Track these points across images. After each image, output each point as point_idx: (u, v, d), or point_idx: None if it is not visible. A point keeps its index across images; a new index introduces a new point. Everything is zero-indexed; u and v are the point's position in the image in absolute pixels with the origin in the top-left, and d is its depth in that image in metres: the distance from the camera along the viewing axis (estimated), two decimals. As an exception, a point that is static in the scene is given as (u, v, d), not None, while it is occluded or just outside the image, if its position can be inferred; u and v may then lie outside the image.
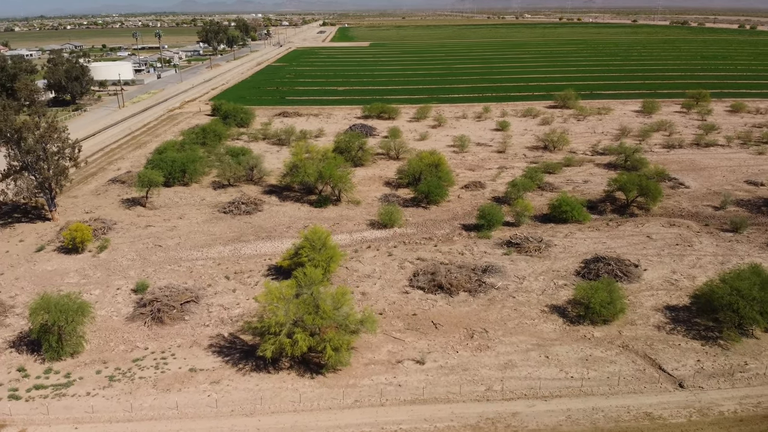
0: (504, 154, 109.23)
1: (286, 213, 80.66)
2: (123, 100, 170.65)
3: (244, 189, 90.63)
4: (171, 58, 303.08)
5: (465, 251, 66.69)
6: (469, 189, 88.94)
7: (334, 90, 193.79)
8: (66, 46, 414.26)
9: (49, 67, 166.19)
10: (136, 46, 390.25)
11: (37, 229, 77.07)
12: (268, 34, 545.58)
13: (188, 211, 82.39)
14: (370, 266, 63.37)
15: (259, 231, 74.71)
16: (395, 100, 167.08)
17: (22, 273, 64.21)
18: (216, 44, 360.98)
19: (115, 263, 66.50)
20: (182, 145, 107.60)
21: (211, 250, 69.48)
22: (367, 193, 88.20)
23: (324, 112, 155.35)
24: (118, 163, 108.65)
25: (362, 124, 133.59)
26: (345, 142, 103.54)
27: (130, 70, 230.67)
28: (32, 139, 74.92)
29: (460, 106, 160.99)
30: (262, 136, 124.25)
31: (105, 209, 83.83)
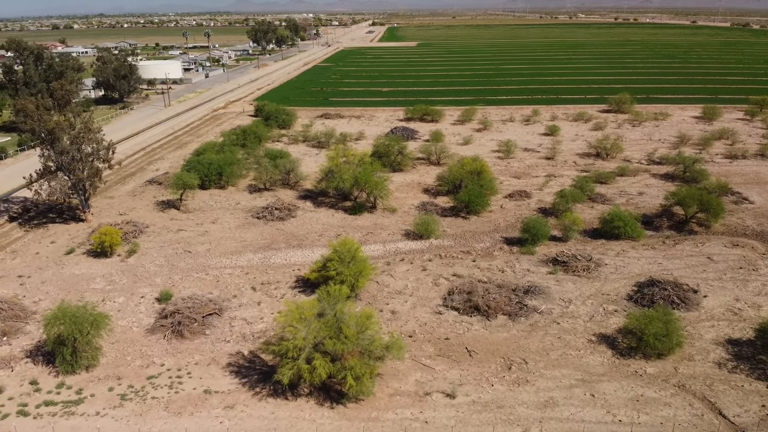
0: (552, 161, 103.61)
1: (320, 220, 77.68)
2: (169, 99, 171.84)
3: (280, 193, 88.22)
4: (220, 57, 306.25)
5: (506, 268, 62.13)
6: (514, 198, 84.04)
7: (377, 91, 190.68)
8: (120, 44, 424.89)
9: (98, 66, 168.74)
10: (188, 45, 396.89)
11: (69, 230, 76.41)
12: (317, 34, 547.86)
13: (222, 216, 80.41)
14: (402, 281, 59.57)
15: (290, 238, 71.93)
16: (440, 101, 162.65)
17: (49, 276, 63.17)
18: (265, 44, 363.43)
19: (143, 269, 64.79)
20: (222, 147, 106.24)
21: (240, 257, 67.05)
22: (404, 200, 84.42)
23: (366, 114, 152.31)
24: (158, 163, 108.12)
25: (404, 127, 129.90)
26: (384, 146, 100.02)
27: (179, 69, 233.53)
28: (67, 139, 74.20)
29: (507, 108, 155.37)
30: (302, 138, 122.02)
31: (139, 211, 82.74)
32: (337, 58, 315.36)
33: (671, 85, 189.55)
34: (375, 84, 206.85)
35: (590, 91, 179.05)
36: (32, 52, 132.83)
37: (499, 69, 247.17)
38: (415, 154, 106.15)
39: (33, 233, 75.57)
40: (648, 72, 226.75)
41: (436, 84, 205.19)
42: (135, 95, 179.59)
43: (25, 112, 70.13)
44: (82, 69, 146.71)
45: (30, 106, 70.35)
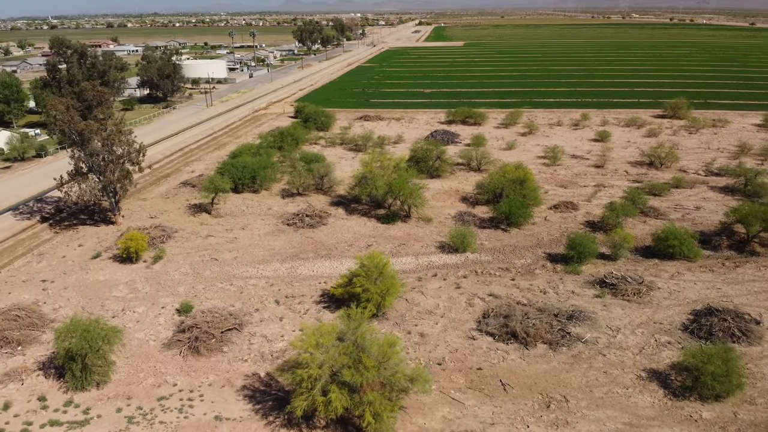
0: (602, 170, 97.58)
1: (351, 228, 74.36)
2: (211, 99, 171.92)
3: (312, 199, 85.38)
4: (266, 57, 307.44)
5: (548, 289, 57.39)
6: (559, 210, 78.86)
7: (420, 92, 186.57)
8: (170, 43, 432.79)
9: (143, 65, 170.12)
10: (235, 44, 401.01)
11: (99, 233, 75.30)
12: (363, 33, 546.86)
13: (252, 221, 78.04)
14: (434, 300, 55.59)
15: (319, 248, 68.85)
16: (484, 104, 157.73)
17: (72, 282, 61.75)
18: (310, 44, 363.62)
19: (167, 276, 62.75)
20: (258, 149, 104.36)
21: (267, 267, 64.31)
22: (440, 209, 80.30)
23: (406, 116, 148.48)
24: (194, 164, 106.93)
25: (444, 130, 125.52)
26: (422, 150, 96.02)
27: (224, 69, 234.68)
28: (97, 141, 73.05)
29: (555, 111, 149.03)
30: (340, 141, 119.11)
31: (170, 215, 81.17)
32: (381, 59, 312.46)
33: (730, 90, 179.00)
34: (417, 85, 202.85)
35: (644, 95, 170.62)
36: (76, 50, 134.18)
37: (547, 70, 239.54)
38: (455, 159, 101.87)
39: (62, 235, 74.76)
40: (705, 75, 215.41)
41: (481, 85, 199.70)
42: (178, 94, 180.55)
43: (54, 112, 69.04)
44: (125, 68, 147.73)
45: (60, 107, 69.32)
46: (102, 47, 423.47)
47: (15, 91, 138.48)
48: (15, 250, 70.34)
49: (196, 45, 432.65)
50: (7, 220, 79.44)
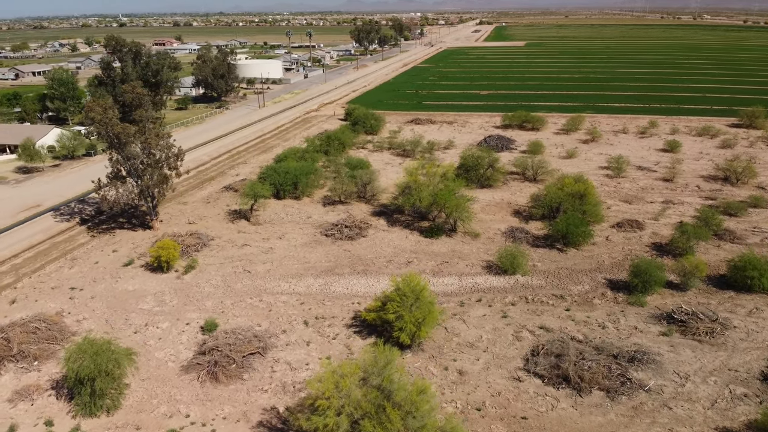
0: (671, 184, 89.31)
1: (391, 242, 69.67)
2: (264, 100, 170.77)
3: (354, 208, 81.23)
4: (322, 57, 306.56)
5: (608, 323, 51.04)
6: (623, 229, 71.79)
7: (475, 94, 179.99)
8: (231, 43, 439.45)
9: (198, 64, 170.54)
10: (293, 44, 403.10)
11: (134, 238, 73.39)
12: (422, 33, 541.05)
13: (290, 230, 74.51)
14: (477, 331, 50.19)
15: (356, 262, 64.49)
16: (544, 107, 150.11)
17: (100, 291, 59.57)
18: (367, 44, 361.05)
19: (197, 289, 59.77)
20: (303, 153, 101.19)
21: (300, 282, 60.45)
22: (489, 223, 74.57)
23: (460, 120, 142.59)
24: (239, 168, 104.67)
25: (499, 136, 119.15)
26: (472, 158, 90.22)
27: (280, 69, 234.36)
28: (136, 144, 71.07)
29: (620, 117, 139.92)
30: (388, 146, 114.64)
31: (208, 221, 78.66)
32: (438, 59, 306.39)
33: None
34: (474, 87, 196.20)
35: (717, 102, 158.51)
36: (130, 49, 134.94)
37: (613, 72, 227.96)
38: (508, 167, 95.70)
39: (98, 239, 73.23)
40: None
41: (542, 87, 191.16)
42: (232, 95, 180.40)
43: (92, 114, 67.32)
44: (178, 68, 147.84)
45: (97, 109, 67.54)
46: (165, 45, 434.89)
47: (71, 89, 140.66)
48: (49, 253, 69.12)
49: (255, 44, 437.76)
50: (47, 221, 78.72)
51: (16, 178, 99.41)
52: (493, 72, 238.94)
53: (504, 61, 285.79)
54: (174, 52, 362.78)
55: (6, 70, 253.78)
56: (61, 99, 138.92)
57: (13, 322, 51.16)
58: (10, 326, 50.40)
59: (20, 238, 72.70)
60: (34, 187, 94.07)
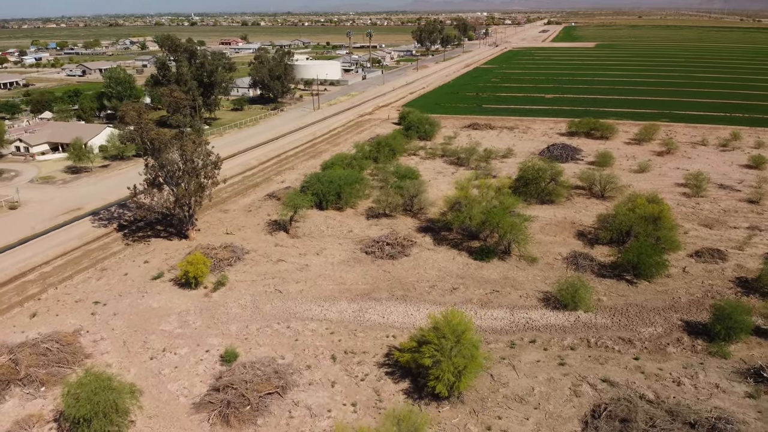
0: (758, 207, 78.98)
1: (436, 263, 63.35)
2: (319, 102, 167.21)
3: (399, 222, 75.38)
4: (382, 58, 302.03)
5: (684, 379, 43.14)
6: (702, 259, 62.88)
7: (540, 98, 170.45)
8: (294, 42, 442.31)
9: (255, 65, 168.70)
10: (355, 44, 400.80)
11: (169, 248, 70.05)
12: (487, 33, 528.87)
13: (329, 245, 69.42)
14: (528, 381, 43.32)
15: (395, 285, 58.61)
16: (614, 114, 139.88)
17: (124, 307, 56.11)
18: (429, 44, 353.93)
19: (223, 309, 55.45)
20: (351, 160, 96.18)
21: (332, 306, 55.15)
22: (549, 246, 67.06)
23: (521, 125, 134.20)
24: (286, 174, 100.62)
25: (564, 144, 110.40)
26: (533, 170, 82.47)
27: (338, 70, 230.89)
28: (173, 151, 67.66)
29: (698, 127, 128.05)
30: (441, 153, 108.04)
31: (246, 231, 74.62)
32: (502, 60, 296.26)
33: None
34: (538, 90, 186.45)
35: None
36: (186, 49, 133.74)
37: (690, 77, 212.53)
38: (573, 181, 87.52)
39: (132, 248, 70.29)
40: None
41: (612, 92, 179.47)
42: (288, 96, 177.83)
43: (125, 118, 64.25)
44: (233, 68, 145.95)
45: (132, 113, 64.41)
46: (231, 44, 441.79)
47: (127, 88, 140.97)
48: (80, 262, 66.57)
49: (318, 44, 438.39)
50: (84, 225, 76.64)
51: (63, 178, 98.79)
52: (560, 74, 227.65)
53: (572, 63, 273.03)
54: (238, 52, 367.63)
55: (74, 66, 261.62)
56: (118, 98, 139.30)
57: (23, 343, 48.05)
58: (20, 347, 47.32)
59: (55, 244, 70.66)
60: (79, 188, 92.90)
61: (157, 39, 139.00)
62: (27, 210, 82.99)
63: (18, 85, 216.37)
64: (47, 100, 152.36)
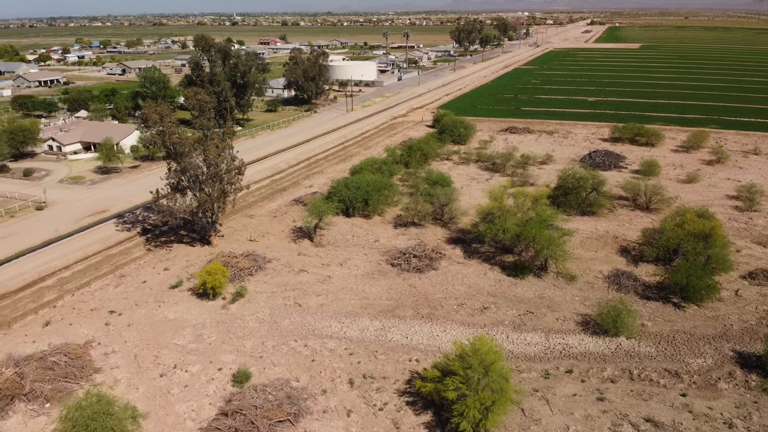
0: (820, 223, 72.87)
1: (466, 279, 59.57)
2: (352, 104, 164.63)
3: (428, 232, 71.80)
4: (419, 58, 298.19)
5: (736, 420, 38.53)
6: (757, 281, 57.59)
7: (582, 101, 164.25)
8: (332, 42, 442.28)
9: (289, 66, 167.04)
10: (392, 44, 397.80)
11: (190, 254, 68.02)
12: (527, 33, 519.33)
13: (354, 255, 66.36)
14: (563, 419, 39.31)
15: (421, 302, 55.12)
16: (660, 119, 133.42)
17: (139, 318, 54.08)
18: (468, 44, 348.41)
19: (240, 323, 52.91)
20: (381, 165, 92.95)
21: (353, 323, 52.04)
22: (589, 263, 62.56)
23: (561, 130, 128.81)
24: (314, 178, 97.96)
25: (607, 151, 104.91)
26: (573, 179, 77.74)
27: (374, 71, 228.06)
28: (195, 155, 65.56)
29: (750, 135, 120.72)
30: (476, 158, 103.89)
31: (270, 239, 72.17)
32: (543, 60, 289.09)
33: None
34: (580, 92, 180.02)
35: None
36: (219, 50, 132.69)
37: (740, 81, 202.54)
38: (616, 191, 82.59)
39: (153, 254, 68.52)
40: None
41: (657, 95, 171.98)
42: (323, 97, 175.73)
43: (147, 120, 62.38)
44: (266, 69, 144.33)
45: (154, 116, 62.45)
46: (270, 44, 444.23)
47: (162, 88, 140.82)
48: (100, 267, 65.00)
49: (355, 45, 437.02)
50: (108, 229, 75.34)
51: (92, 178, 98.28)
52: (603, 76, 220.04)
53: (615, 65, 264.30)
54: (276, 52, 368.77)
55: (114, 65, 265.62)
56: (153, 97, 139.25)
57: (30, 355, 46.30)
58: (26, 359, 45.58)
59: (76, 247, 69.42)
60: (107, 189, 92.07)
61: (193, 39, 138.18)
62: (53, 211, 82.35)
63: (59, 82, 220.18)
64: (84, 99, 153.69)
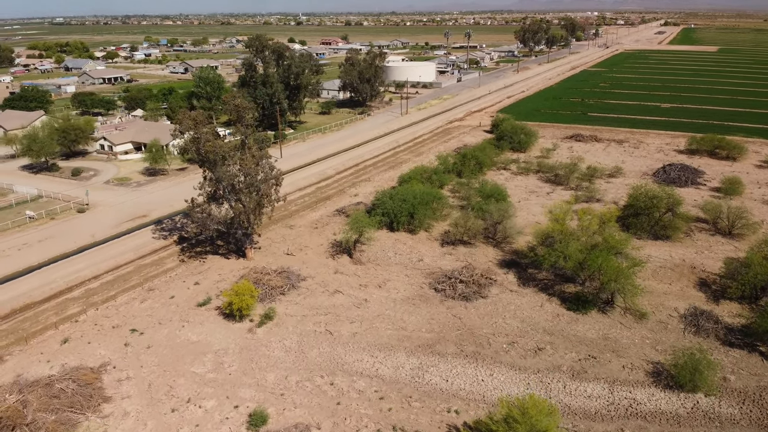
0: None
1: (519, 311, 52.98)
2: (407, 106, 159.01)
3: (478, 252, 65.39)
4: (481, 59, 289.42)
5: None
6: None
7: (654, 107, 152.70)
8: (393, 42, 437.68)
9: (345, 67, 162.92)
10: (454, 44, 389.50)
11: (223, 268, 64.18)
12: (597, 34, 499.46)
13: (394, 276, 60.85)
14: (628, 503, 32.55)
15: (465, 338, 49.01)
16: (741, 129, 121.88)
17: (160, 339, 50.40)
18: (533, 44, 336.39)
19: (265, 351, 48.41)
20: (432, 174, 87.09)
21: (388, 359, 46.55)
22: (662, 297, 54.73)
23: (632, 139, 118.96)
24: (361, 186, 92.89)
25: (683, 165, 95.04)
26: (646, 197, 69.43)
27: (433, 72, 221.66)
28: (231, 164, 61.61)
29: None
30: (536, 168, 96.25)
31: (308, 252, 67.60)
32: (612, 63, 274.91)
33: None
34: (652, 98, 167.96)
35: None
36: (273, 50, 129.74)
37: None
38: (694, 212, 73.75)
39: (186, 265, 65.08)
40: None
41: (737, 103, 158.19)
42: (377, 99, 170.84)
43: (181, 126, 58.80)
44: (320, 71, 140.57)
45: (187, 121, 58.77)
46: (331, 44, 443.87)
47: (216, 88, 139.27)
48: (129, 278, 62.03)
49: (416, 45, 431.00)
50: (144, 236, 72.74)
51: (138, 180, 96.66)
52: (678, 81, 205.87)
53: (691, 69, 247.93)
54: (336, 52, 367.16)
55: (177, 63, 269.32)
56: (207, 98, 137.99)
57: (37, 381, 43.07)
58: (32, 385, 42.32)
59: (109, 255, 66.94)
60: (150, 192, 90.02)
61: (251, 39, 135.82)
62: (93, 214, 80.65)
63: (122, 80, 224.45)
64: (141, 98, 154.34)
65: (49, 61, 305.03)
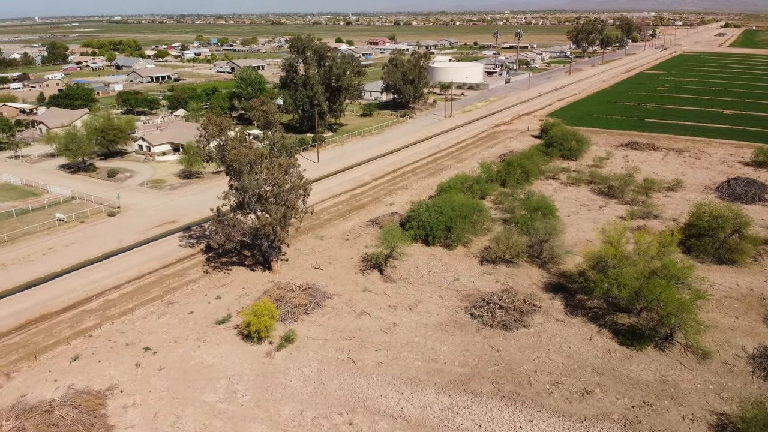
0: None
1: (565, 344, 47.52)
2: (452, 109, 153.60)
3: (520, 273, 60.01)
4: (532, 59, 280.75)
5: None
6: None
7: (717, 114, 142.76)
8: (441, 42, 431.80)
9: (388, 68, 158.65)
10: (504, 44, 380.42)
11: (248, 281, 60.84)
12: (654, 34, 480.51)
13: (428, 297, 56.20)
14: None
15: (504, 375, 43.95)
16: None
17: (173, 360, 47.22)
18: (586, 45, 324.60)
19: (281, 379, 44.58)
20: (473, 183, 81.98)
21: (414, 396, 41.98)
22: (728, 332, 48.34)
23: (693, 148, 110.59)
24: (398, 194, 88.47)
25: (749, 179, 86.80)
26: (709, 217, 62.64)
27: (480, 73, 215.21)
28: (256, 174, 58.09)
29: None
30: (588, 179, 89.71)
31: (337, 267, 63.63)
32: (671, 65, 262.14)
33: None
34: (714, 104, 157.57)
35: None
36: (315, 51, 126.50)
37: None
38: (763, 233, 66.41)
39: (209, 277, 62.04)
40: None
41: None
42: (421, 101, 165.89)
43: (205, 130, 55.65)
44: (362, 73, 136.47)
45: (212, 128, 55.54)
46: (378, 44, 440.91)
47: (257, 89, 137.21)
48: (149, 290, 59.33)
49: (465, 45, 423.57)
50: (171, 243, 70.20)
51: (173, 183, 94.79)
52: (741, 86, 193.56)
53: (755, 73, 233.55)
54: (383, 52, 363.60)
55: (224, 63, 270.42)
56: (248, 98, 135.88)
57: (35, 407, 40.19)
58: (30, 411, 39.54)
59: (133, 264, 64.52)
60: (182, 196, 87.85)
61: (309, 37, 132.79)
62: (123, 218, 78.80)
63: (169, 79, 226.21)
64: (184, 97, 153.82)
65: (101, 59, 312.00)
